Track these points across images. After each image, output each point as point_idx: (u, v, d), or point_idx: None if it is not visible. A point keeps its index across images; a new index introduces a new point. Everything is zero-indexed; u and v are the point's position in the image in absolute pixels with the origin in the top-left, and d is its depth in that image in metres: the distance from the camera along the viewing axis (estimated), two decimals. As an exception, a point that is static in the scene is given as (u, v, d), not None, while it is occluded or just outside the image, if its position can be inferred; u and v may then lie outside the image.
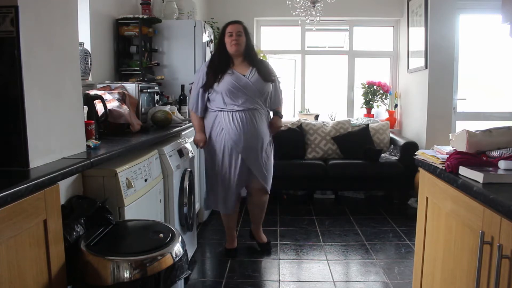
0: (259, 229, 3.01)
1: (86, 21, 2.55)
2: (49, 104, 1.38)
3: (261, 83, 2.66)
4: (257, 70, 2.68)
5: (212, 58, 2.77)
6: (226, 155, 2.67)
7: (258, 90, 2.65)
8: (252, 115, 2.65)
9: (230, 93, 2.60)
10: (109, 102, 2.17)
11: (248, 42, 2.70)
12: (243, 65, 2.69)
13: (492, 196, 1.12)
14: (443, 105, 4.07)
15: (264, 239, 3.01)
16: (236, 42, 2.62)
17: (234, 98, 2.61)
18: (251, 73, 2.66)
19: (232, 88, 2.59)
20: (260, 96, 2.68)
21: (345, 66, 5.06)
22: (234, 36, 2.62)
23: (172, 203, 2.32)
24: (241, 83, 2.61)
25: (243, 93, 2.61)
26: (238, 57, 2.68)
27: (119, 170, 1.70)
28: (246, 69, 2.68)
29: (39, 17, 1.33)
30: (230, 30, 2.64)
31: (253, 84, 2.63)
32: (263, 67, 2.73)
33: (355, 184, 4.16)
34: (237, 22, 2.70)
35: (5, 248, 1.05)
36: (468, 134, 1.44)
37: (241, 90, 2.60)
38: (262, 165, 2.71)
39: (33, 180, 1.14)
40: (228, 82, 2.60)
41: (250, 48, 2.72)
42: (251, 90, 2.63)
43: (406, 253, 2.92)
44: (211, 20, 4.65)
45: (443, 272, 1.51)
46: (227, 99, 2.61)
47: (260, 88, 2.66)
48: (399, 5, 4.74)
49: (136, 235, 1.56)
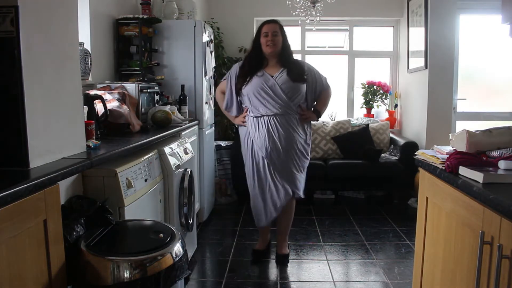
0: (283, 240, 2.82)
1: (86, 21, 2.55)
2: (49, 104, 1.38)
3: (290, 84, 2.53)
4: (287, 71, 2.56)
5: (245, 59, 2.69)
6: (255, 164, 2.62)
7: (286, 92, 2.53)
8: (280, 121, 2.55)
9: (257, 96, 2.54)
10: (109, 102, 2.17)
11: (284, 41, 2.60)
12: (276, 66, 2.60)
13: (492, 196, 1.12)
14: (443, 105, 4.07)
15: (284, 250, 2.81)
16: (272, 43, 2.53)
17: (261, 102, 2.54)
18: (281, 74, 2.56)
19: (260, 89, 2.53)
20: (290, 99, 2.55)
21: (345, 66, 5.06)
22: (270, 36, 2.53)
23: (172, 203, 2.32)
24: (269, 84, 2.53)
25: (270, 96, 2.52)
26: (273, 58, 2.60)
27: (119, 170, 1.70)
28: (277, 70, 2.58)
29: (39, 17, 1.32)
30: (265, 30, 2.55)
31: (280, 85, 2.53)
32: (295, 67, 2.60)
33: (355, 184, 4.16)
34: (273, 22, 2.59)
35: (5, 248, 1.05)
36: (468, 134, 1.44)
37: (268, 93, 2.52)
38: (290, 171, 2.61)
39: (33, 180, 1.14)
40: (256, 84, 2.54)
41: (286, 48, 2.61)
42: (278, 93, 2.53)
43: (406, 253, 2.92)
44: (211, 20, 4.65)
45: (443, 272, 1.51)
46: (254, 102, 2.56)
47: (289, 89, 2.54)
48: (399, 5, 4.74)
49: (136, 235, 1.56)
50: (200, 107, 3.41)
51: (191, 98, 3.33)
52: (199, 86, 3.36)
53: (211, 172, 3.83)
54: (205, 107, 3.48)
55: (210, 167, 3.80)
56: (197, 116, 3.40)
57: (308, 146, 2.72)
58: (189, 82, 3.32)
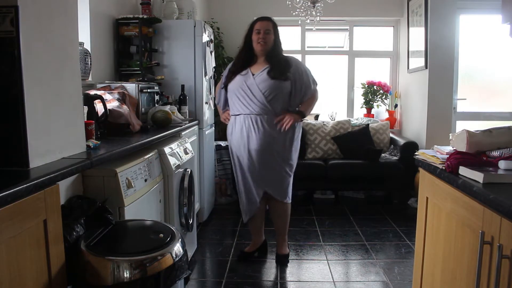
0: (282, 240, 2.80)
1: (86, 21, 2.55)
2: (49, 104, 1.38)
3: (268, 83, 2.44)
4: (269, 69, 2.47)
5: (237, 55, 2.66)
6: (235, 161, 2.63)
7: (263, 91, 2.45)
8: (257, 121, 2.48)
9: (237, 94, 2.51)
10: (109, 102, 2.17)
11: (276, 39, 2.53)
12: (262, 64, 2.53)
13: (492, 196, 1.11)
14: (443, 105, 4.07)
15: (284, 250, 2.79)
16: (263, 41, 2.47)
17: (240, 100, 2.51)
18: (262, 73, 2.48)
19: (239, 88, 2.50)
20: (267, 99, 2.45)
21: (345, 66, 5.06)
22: (262, 34, 2.47)
23: (172, 203, 2.32)
24: (248, 83, 2.48)
25: (248, 95, 2.47)
26: (262, 56, 2.53)
27: (119, 170, 1.70)
28: (261, 68, 2.51)
29: (39, 17, 1.32)
30: (258, 27, 2.49)
31: (258, 84, 2.46)
32: (279, 64, 2.48)
33: (355, 184, 4.16)
34: (266, 19, 2.53)
35: (5, 248, 1.05)
36: (468, 134, 1.44)
37: (246, 91, 2.48)
38: (266, 173, 2.55)
39: (33, 180, 1.14)
40: (237, 83, 2.52)
41: (276, 46, 2.53)
42: (256, 92, 2.46)
43: (406, 253, 2.92)
44: (211, 20, 4.65)
45: (443, 272, 1.51)
46: (235, 101, 2.54)
47: (267, 88, 2.44)
48: (399, 5, 4.74)
49: (136, 235, 1.56)
50: (200, 107, 3.41)
51: (191, 98, 3.33)
52: (199, 86, 3.36)
53: (211, 172, 3.83)
54: (205, 107, 3.48)
55: (210, 167, 3.80)
56: (197, 116, 3.40)
57: (291, 148, 2.57)
58: (189, 82, 3.32)
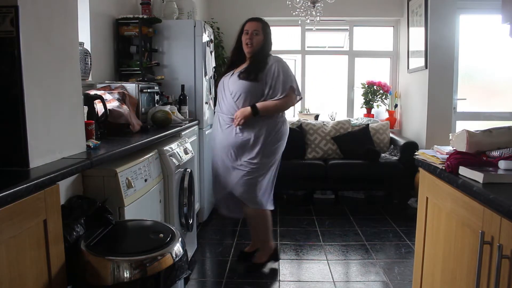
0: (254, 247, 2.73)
1: (86, 21, 2.55)
2: (49, 104, 1.38)
3: (236, 83, 2.41)
4: (243, 69, 2.45)
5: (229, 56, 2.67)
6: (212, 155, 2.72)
7: (231, 91, 2.43)
8: (224, 121, 2.50)
9: (218, 93, 2.56)
10: (109, 102, 2.17)
11: (266, 40, 2.47)
12: (245, 64, 2.51)
13: (492, 196, 1.12)
14: (443, 105, 4.07)
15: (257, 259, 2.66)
16: (250, 42, 2.43)
17: (219, 100, 2.57)
18: (236, 73, 2.47)
19: (221, 88, 2.54)
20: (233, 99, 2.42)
21: (345, 66, 5.06)
22: (250, 35, 2.44)
23: (172, 203, 2.32)
24: (224, 82, 2.53)
25: (222, 94, 2.51)
26: (249, 56, 2.50)
27: (119, 170, 1.70)
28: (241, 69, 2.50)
29: (39, 17, 1.32)
30: (247, 28, 2.47)
31: (229, 85, 2.46)
32: (255, 65, 2.42)
33: (355, 184, 4.16)
34: (256, 20, 2.50)
35: (5, 248, 1.05)
36: (468, 134, 1.44)
37: (221, 91, 2.53)
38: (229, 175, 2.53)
39: (33, 180, 1.14)
40: (221, 82, 2.56)
41: (264, 46, 2.47)
42: (227, 92, 2.48)
43: (406, 253, 2.92)
44: (211, 20, 4.65)
45: (443, 272, 1.51)
46: (218, 100, 2.60)
47: (233, 88, 2.42)
48: (399, 5, 4.74)
49: (136, 235, 1.56)
50: (200, 107, 3.41)
51: (191, 98, 3.33)
52: (199, 86, 3.36)
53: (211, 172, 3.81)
54: (205, 107, 3.48)
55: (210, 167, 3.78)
56: (197, 116, 3.40)
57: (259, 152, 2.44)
58: (189, 82, 3.32)
